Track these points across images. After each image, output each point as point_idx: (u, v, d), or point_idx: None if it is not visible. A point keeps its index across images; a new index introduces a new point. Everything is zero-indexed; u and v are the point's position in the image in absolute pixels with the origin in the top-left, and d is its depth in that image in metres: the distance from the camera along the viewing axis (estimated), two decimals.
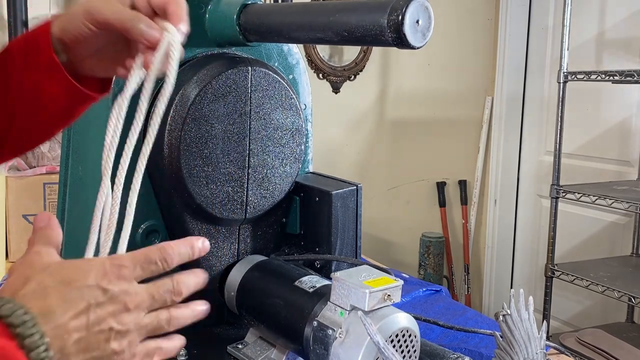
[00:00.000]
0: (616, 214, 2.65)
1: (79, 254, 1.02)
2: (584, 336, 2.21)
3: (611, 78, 2.24)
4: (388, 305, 0.82)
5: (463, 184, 3.26)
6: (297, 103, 1.08)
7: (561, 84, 2.38)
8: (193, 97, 0.96)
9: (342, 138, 2.97)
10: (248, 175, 1.04)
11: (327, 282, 0.93)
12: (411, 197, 3.18)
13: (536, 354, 0.88)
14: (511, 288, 1.75)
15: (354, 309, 0.82)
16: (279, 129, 1.07)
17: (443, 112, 3.17)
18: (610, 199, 2.16)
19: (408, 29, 0.74)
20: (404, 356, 0.82)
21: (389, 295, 0.81)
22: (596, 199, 2.22)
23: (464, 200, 3.26)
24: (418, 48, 0.76)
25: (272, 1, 2.33)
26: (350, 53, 2.92)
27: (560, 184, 2.41)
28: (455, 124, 3.21)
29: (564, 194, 2.37)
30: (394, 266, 2.12)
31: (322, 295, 0.89)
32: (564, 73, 2.37)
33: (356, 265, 0.93)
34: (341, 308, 0.83)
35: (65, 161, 1.05)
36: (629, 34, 2.62)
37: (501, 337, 0.90)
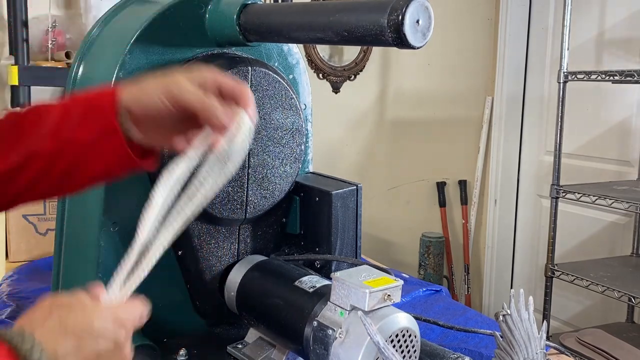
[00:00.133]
0: (616, 214, 2.65)
1: (78, 254, 1.02)
2: (584, 336, 2.21)
3: (611, 78, 2.24)
4: (388, 305, 0.82)
5: (463, 184, 3.26)
6: (297, 103, 1.08)
7: (561, 84, 2.38)
8: None
9: (342, 138, 2.97)
10: (248, 175, 1.04)
11: (327, 282, 0.93)
12: (411, 197, 3.18)
13: (536, 354, 0.88)
14: (511, 288, 1.75)
15: (354, 309, 0.82)
16: (279, 129, 1.07)
17: (443, 112, 3.17)
18: (610, 199, 2.16)
19: (408, 29, 0.74)
20: (404, 356, 0.82)
21: (389, 295, 0.81)
22: (596, 199, 2.22)
23: (464, 200, 3.26)
24: (418, 48, 0.76)
25: (272, 1, 2.33)
26: (350, 53, 2.92)
27: (560, 184, 2.41)
28: (455, 124, 3.21)
29: (564, 194, 2.37)
30: (394, 266, 2.12)
31: (322, 295, 0.89)
32: (564, 73, 2.37)
33: (356, 265, 0.93)
34: (341, 308, 0.83)
35: None
36: (629, 34, 2.62)
37: (501, 337, 0.90)
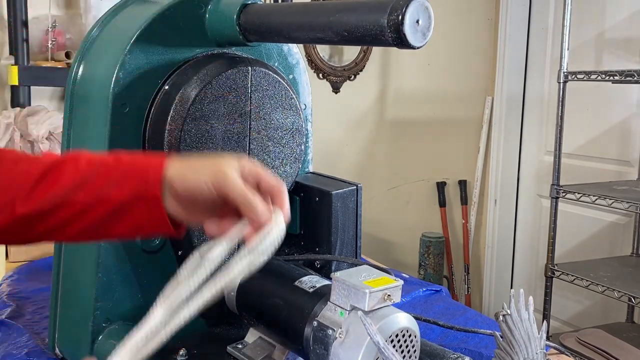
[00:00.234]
0: (616, 214, 2.65)
1: (78, 254, 1.02)
2: (584, 336, 2.21)
3: (611, 78, 2.24)
4: (388, 305, 0.82)
5: (463, 184, 3.26)
6: (297, 103, 1.08)
7: (561, 84, 2.38)
8: (193, 97, 0.96)
9: (342, 138, 2.97)
10: None
11: (327, 282, 0.93)
12: (411, 197, 3.18)
13: (536, 354, 0.88)
14: (511, 288, 1.75)
15: (354, 309, 0.82)
16: (279, 129, 1.07)
17: (443, 112, 3.17)
18: (610, 199, 2.16)
19: (408, 29, 0.74)
20: (404, 356, 0.82)
21: (389, 295, 0.81)
22: (596, 199, 2.22)
23: (464, 200, 3.26)
24: (418, 48, 0.76)
25: (272, 1, 2.33)
26: (350, 53, 2.92)
27: (560, 184, 2.41)
28: (455, 124, 3.21)
29: (564, 194, 2.37)
30: (394, 266, 2.12)
31: (322, 295, 0.89)
32: (564, 73, 2.37)
33: (356, 265, 0.93)
34: (341, 308, 0.83)
35: None
36: (629, 34, 2.62)
37: (501, 337, 0.90)
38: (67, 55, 2.14)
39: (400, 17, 0.73)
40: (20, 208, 0.68)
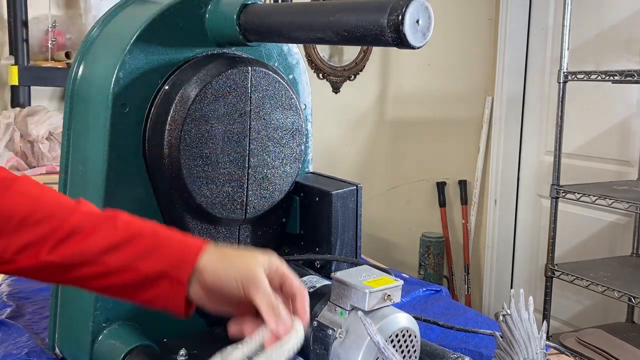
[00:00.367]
0: (616, 214, 2.65)
1: None
2: (584, 336, 2.21)
3: (611, 78, 2.24)
4: (388, 305, 0.82)
5: (463, 184, 3.26)
6: (297, 103, 1.08)
7: (561, 84, 2.38)
8: (193, 97, 0.96)
9: (342, 138, 2.97)
10: (248, 175, 1.04)
11: (327, 282, 0.93)
12: (411, 197, 3.18)
13: (536, 354, 0.88)
14: (511, 288, 1.75)
15: (354, 309, 0.82)
16: (279, 129, 1.07)
17: (443, 112, 3.17)
18: (610, 199, 2.16)
19: (408, 29, 0.74)
20: (404, 356, 0.82)
21: (389, 295, 0.81)
22: (596, 199, 2.22)
23: (464, 200, 3.26)
24: (418, 48, 0.76)
25: (272, 1, 2.33)
26: (350, 53, 2.92)
27: (560, 184, 2.41)
28: (455, 124, 3.21)
29: (564, 194, 2.37)
30: (394, 266, 2.12)
31: (322, 295, 0.89)
32: (564, 73, 2.37)
33: (356, 265, 0.93)
34: (341, 308, 0.83)
35: (65, 161, 1.05)
36: (629, 34, 2.62)
37: (501, 337, 0.90)
38: (67, 55, 2.14)
39: (400, 17, 0.73)
40: (45, 256, 0.68)
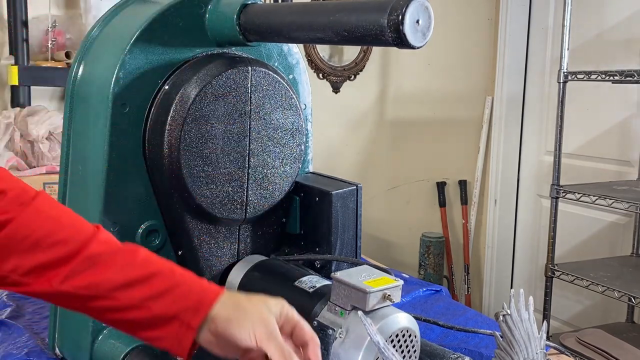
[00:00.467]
0: (616, 214, 2.65)
1: None
2: (584, 336, 2.21)
3: (611, 78, 2.24)
4: (388, 305, 0.82)
5: (463, 184, 3.26)
6: (297, 103, 1.08)
7: (561, 84, 2.38)
8: (193, 97, 0.96)
9: (342, 138, 2.97)
10: (248, 175, 1.04)
11: (327, 282, 0.93)
12: (411, 197, 3.18)
13: (536, 354, 0.88)
14: (511, 288, 1.75)
15: (354, 309, 0.82)
16: (279, 129, 1.07)
17: (443, 112, 3.17)
18: (610, 199, 2.16)
19: (408, 29, 0.74)
20: (404, 356, 0.82)
21: (389, 295, 0.82)
22: (596, 199, 2.22)
23: (464, 200, 3.26)
24: (418, 48, 0.76)
25: (272, 1, 2.33)
26: (350, 53, 2.92)
27: (560, 184, 2.41)
28: (455, 124, 3.21)
29: (564, 194, 2.37)
30: (394, 266, 2.12)
31: (322, 295, 0.89)
32: (564, 73, 2.37)
33: (356, 265, 0.93)
34: (341, 308, 0.83)
35: (65, 161, 1.05)
36: (629, 34, 2.62)
37: (501, 337, 0.90)
38: (67, 55, 2.14)
39: (400, 17, 0.73)
40: (58, 285, 0.68)
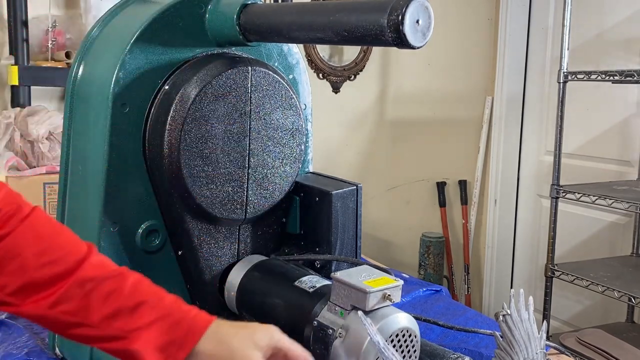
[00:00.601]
0: (616, 214, 2.65)
1: None
2: (584, 336, 2.21)
3: (611, 78, 2.24)
4: (388, 305, 0.83)
5: (463, 184, 3.26)
6: (297, 103, 1.08)
7: (561, 84, 2.38)
8: (193, 97, 0.96)
9: (342, 138, 2.97)
10: (248, 175, 1.04)
11: (327, 282, 0.93)
12: (411, 197, 3.18)
13: (536, 354, 0.88)
14: (511, 288, 1.75)
15: (354, 309, 0.82)
16: (279, 129, 1.07)
17: (443, 112, 3.17)
18: (610, 199, 2.16)
19: (408, 29, 0.74)
20: (404, 356, 0.82)
21: (389, 295, 0.82)
22: (596, 199, 2.22)
23: (464, 200, 3.26)
24: (418, 48, 0.76)
25: (272, 1, 2.33)
26: (350, 53, 2.92)
27: (560, 184, 2.41)
28: (455, 124, 3.21)
29: (564, 194, 2.37)
30: (394, 266, 2.12)
31: (322, 295, 0.89)
32: (564, 73, 2.37)
33: (356, 265, 0.93)
34: (341, 308, 0.83)
35: (65, 161, 1.05)
36: (629, 34, 2.62)
37: (501, 337, 0.90)
38: (67, 55, 2.13)
39: (400, 17, 0.73)
40: (46, 310, 0.67)
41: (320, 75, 2.87)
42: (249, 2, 0.97)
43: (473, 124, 3.26)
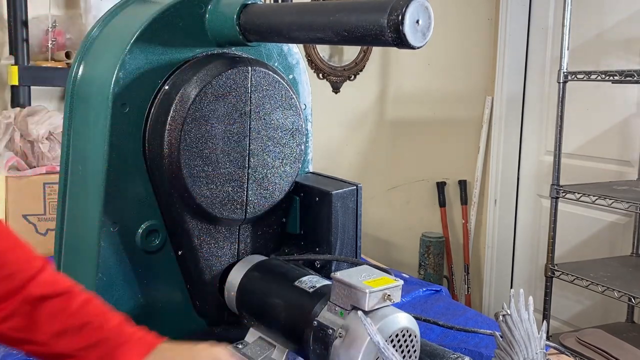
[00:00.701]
0: (616, 214, 2.65)
1: (78, 254, 1.02)
2: (584, 336, 2.21)
3: (611, 78, 2.24)
4: (388, 305, 0.83)
5: (463, 184, 3.26)
6: (297, 103, 1.08)
7: (561, 84, 2.38)
8: (193, 97, 0.96)
9: (342, 138, 2.97)
10: (248, 175, 1.04)
11: (327, 282, 0.93)
12: (411, 197, 3.18)
13: (536, 354, 0.88)
14: (511, 288, 1.75)
15: (354, 309, 0.82)
16: (279, 129, 1.07)
17: (443, 112, 3.17)
18: (610, 199, 2.16)
19: (408, 29, 0.74)
20: (404, 356, 0.82)
21: (389, 295, 0.82)
22: (596, 199, 2.22)
23: (464, 200, 3.26)
24: (418, 48, 0.76)
25: (272, 1, 2.33)
26: (350, 53, 2.92)
27: (560, 184, 2.41)
28: (455, 124, 3.21)
29: (564, 194, 2.37)
30: (394, 266, 2.12)
31: (322, 295, 0.89)
32: (564, 73, 2.37)
33: (356, 265, 0.93)
34: (341, 308, 0.83)
35: (65, 161, 1.05)
36: (629, 34, 2.62)
37: (501, 337, 0.90)
38: (67, 55, 2.13)
39: (400, 17, 0.73)
40: None
41: (320, 75, 2.87)
42: (249, 2, 0.97)
43: (473, 124, 3.26)
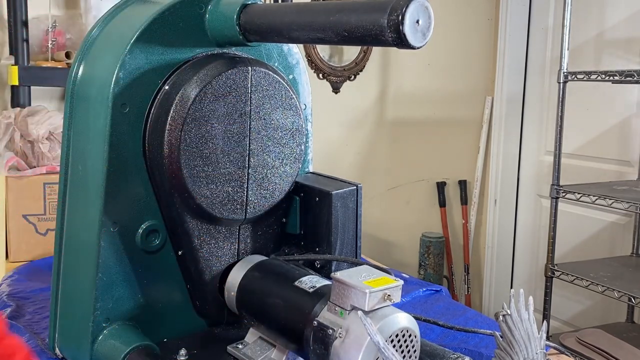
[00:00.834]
0: (616, 214, 2.65)
1: (78, 254, 1.02)
2: (584, 336, 2.21)
3: (611, 78, 2.24)
4: (388, 305, 0.83)
5: (463, 184, 3.26)
6: (297, 103, 1.08)
7: (561, 84, 2.38)
8: (193, 97, 0.96)
9: (342, 138, 2.97)
10: (248, 175, 1.04)
11: (327, 282, 0.93)
12: (411, 197, 3.18)
13: (536, 354, 0.88)
14: (511, 288, 1.75)
15: (354, 309, 0.82)
16: (279, 129, 1.07)
17: (443, 112, 3.17)
18: (610, 199, 2.16)
19: (408, 29, 0.74)
20: (404, 356, 0.82)
21: (389, 295, 0.82)
22: (596, 199, 2.22)
23: (464, 200, 3.26)
24: (418, 48, 0.76)
25: (272, 1, 2.33)
26: (350, 53, 2.92)
27: (560, 184, 2.41)
28: (455, 124, 3.21)
29: (564, 194, 2.37)
30: (394, 266, 2.12)
31: (322, 295, 0.89)
32: (564, 73, 2.37)
33: (356, 265, 0.93)
34: (341, 308, 0.83)
35: (65, 161, 1.05)
36: (629, 34, 2.62)
37: (501, 337, 0.90)
38: (67, 55, 2.13)
39: (400, 17, 0.73)
40: None
41: (320, 75, 2.87)
42: (249, 2, 0.97)
43: (473, 124, 3.26)
